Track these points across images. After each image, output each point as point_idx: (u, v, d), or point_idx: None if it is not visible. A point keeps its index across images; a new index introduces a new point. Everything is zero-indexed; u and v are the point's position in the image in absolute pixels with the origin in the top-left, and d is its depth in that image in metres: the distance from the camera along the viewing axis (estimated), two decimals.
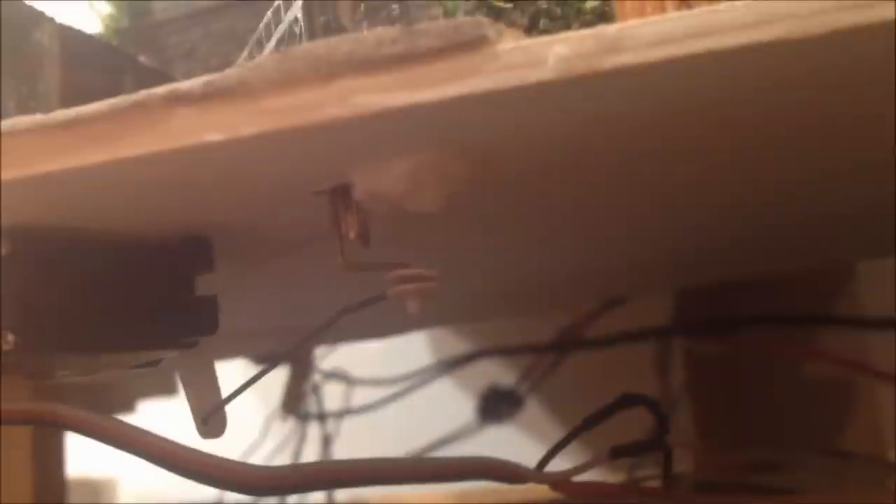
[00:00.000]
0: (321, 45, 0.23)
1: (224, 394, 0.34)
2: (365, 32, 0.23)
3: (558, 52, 0.22)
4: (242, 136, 0.23)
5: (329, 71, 0.23)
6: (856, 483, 0.61)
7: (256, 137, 0.23)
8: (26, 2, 0.40)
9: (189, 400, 0.33)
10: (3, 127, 0.24)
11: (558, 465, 0.39)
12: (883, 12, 0.21)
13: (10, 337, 0.27)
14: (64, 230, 0.28)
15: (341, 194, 0.28)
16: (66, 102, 0.38)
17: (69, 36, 0.40)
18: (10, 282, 0.27)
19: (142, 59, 0.47)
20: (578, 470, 0.37)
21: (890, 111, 0.27)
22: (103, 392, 0.76)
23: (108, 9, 0.59)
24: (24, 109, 0.39)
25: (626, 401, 0.38)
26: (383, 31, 0.23)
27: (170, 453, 0.29)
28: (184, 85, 0.23)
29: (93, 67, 0.40)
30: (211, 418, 0.32)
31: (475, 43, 0.22)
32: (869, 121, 0.28)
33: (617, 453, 0.38)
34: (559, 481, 0.36)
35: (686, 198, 0.36)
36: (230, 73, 0.23)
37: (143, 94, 0.23)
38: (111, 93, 0.39)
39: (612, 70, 0.22)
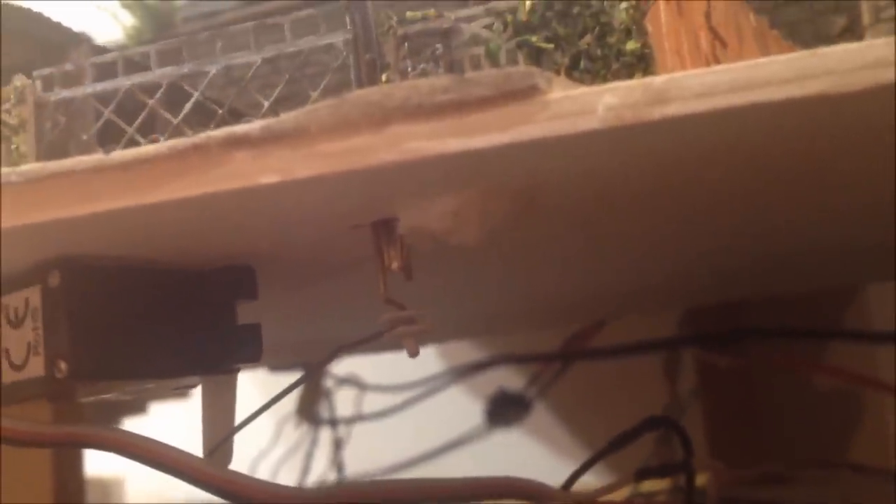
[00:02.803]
0: (375, 92, 0.23)
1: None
2: (418, 80, 0.23)
3: (607, 102, 0.23)
4: (297, 178, 0.24)
5: (383, 116, 0.23)
6: (865, 496, 0.62)
7: (311, 180, 0.24)
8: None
9: (203, 423, 0.33)
10: (64, 166, 0.25)
11: (566, 472, 0.40)
12: None
13: (63, 365, 0.28)
14: (112, 259, 0.29)
15: (385, 228, 0.28)
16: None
17: (103, 55, 0.40)
18: (61, 311, 0.28)
19: None
20: (604, 491, 0.38)
21: None
22: None
23: (131, 21, 0.59)
24: (60, 130, 0.40)
25: (653, 423, 0.39)
26: (436, 79, 0.23)
27: (203, 473, 0.30)
28: (241, 128, 0.24)
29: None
30: (218, 449, 0.33)
31: (526, 92, 0.23)
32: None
33: (642, 475, 0.39)
34: (585, 501, 0.37)
35: (705, 228, 0.37)
36: (286, 118, 0.24)
37: (201, 136, 0.24)
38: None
39: (658, 120, 0.23)
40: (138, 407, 0.82)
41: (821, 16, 0.47)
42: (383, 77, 0.29)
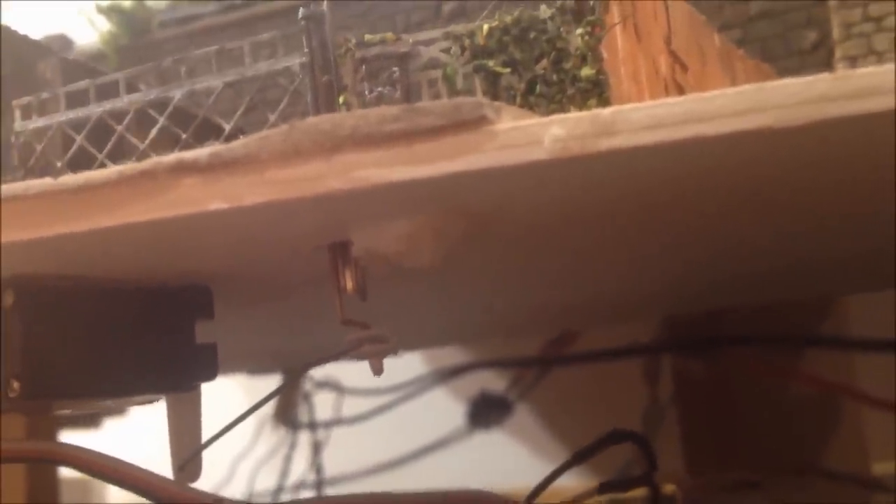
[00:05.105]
0: (326, 120, 0.24)
1: (214, 399, 0.34)
2: (368, 109, 0.23)
3: (554, 133, 0.23)
4: (246, 205, 0.24)
5: (332, 145, 0.23)
6: (837, 502, 0.62)
7: (260, 207, 0.24)
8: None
9: (170, 438, 0.33)
10: (15, 190, 0.25)
11: (542, 470, 0.40)
12: (868, 104, 0.22)
13: (16, 384, 0.28)
14: (67, 279, 0.29)
15: (340, 250, 0.28)
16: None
17: (73, 69, 0.40)
18: (14, 331, 0.28)
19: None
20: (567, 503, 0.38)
21: (868, 180, 0.28)
22: None
23: (107, 26, 0.59)
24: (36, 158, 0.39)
25: (616, 436, 0.39)
26: (386, 109, 0.23)
27: (168, 492, 0.30)
28: (190, 154, 0.24)
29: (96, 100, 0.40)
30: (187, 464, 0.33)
31: (475, 122, 0.23)
32: (854, 185, 0.29)
33: (605, 488, 0.39)
34: None
35: (671, 248, 0.37)
36: (236, 145, 0.24)
37: (150, 162, 0.24)
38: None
39: (605, 152, 0.23)
40: (116, 411, 0.82)
41: (792, 31, 0.47)
42: (340, 99, 0.29)
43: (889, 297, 0.60)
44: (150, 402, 0.33)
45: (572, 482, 0.40)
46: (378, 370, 0.31)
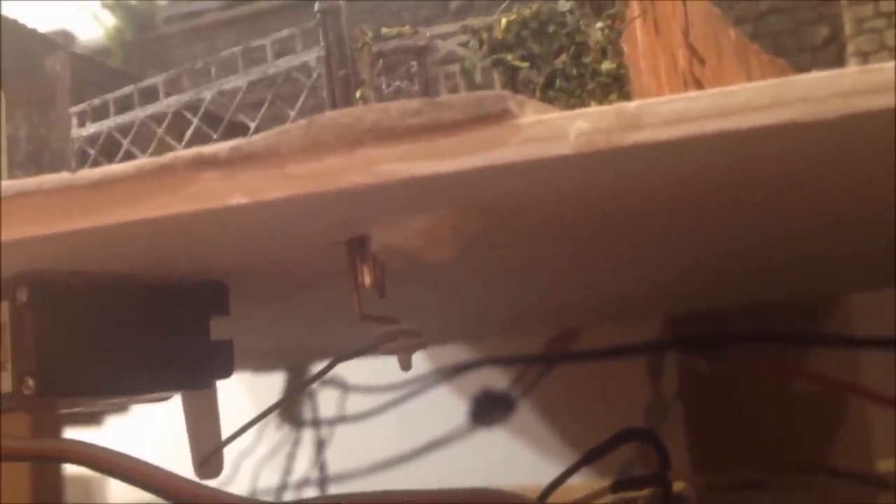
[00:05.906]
0: (346, 114, 0.23)
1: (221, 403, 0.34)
2: (389, 103, 0.23)
3: (579, 127, 0.23)
4: (267, 200, 0.24)
5: (354, 139, 0.23)
6: (842, 500, 0.62)
7: (281, 201, 0.24)
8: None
9: (189, 435, 0.33)
10: (30, 185, 0.24)
11: (549, 471, 0.40)
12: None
13: (31, 382, 0.27)
14: (82, 275, 0.29)
15: (358, 245, 0.28)
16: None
17: (80, 63, 0.40)
18: (29, 328, 0.28)
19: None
20: (581, 502, 0.38)
21: (884, 176, 0.28)
22: None
23: (112, 21, 0.59)
24: (34, 137, 0.39)
25: (629, 435, 0.39)
26: (407, 102, 0.23)
27: (175, 487, 0.30)
28: (209, 149, 0.24)
29: (104, 94, 0.40)
30: (209, 460, 0.33)
31: (498, 116, 0.23)
32: (870, 183, 0.29)
33: (618, 487, 0.39)
34: None
35: (687, 244, 0.37)
36: (256, 139, 0.24)
37: (169, 156, 0.24)
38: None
39: (630, 146, 0.23)
40: (121, 408, 0.82)
41: (804, 26, 0.47)
42: (357, 94, 0.28)
43: (893, 295, 0.60)
44: (164, 399, 0.33)
45: (577, 480, 0.40)
46: (407, 365, 0.30)
